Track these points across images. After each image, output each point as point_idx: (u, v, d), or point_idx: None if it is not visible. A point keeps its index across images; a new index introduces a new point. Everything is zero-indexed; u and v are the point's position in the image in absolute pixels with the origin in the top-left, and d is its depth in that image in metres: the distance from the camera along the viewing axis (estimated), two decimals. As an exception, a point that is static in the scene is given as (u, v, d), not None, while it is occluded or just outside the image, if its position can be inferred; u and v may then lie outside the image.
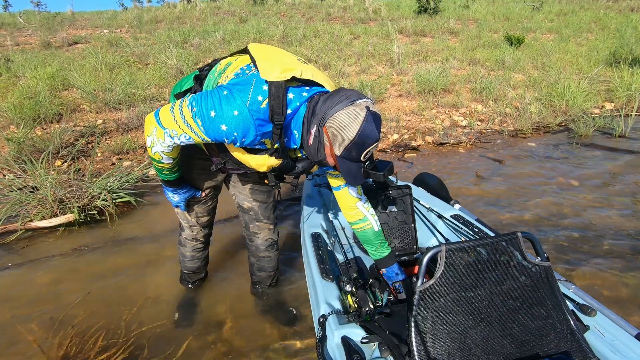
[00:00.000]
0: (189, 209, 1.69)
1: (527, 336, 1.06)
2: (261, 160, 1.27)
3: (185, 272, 2.01)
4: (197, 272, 2.02)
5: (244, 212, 1.76)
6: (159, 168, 1.35)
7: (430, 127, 4.69)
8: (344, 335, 1.21)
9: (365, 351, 1.17)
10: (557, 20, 12.24)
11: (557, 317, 1.10)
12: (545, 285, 1.13)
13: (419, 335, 1.01)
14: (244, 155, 1.28)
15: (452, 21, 11.38)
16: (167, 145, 1.21)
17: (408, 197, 1.90)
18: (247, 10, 14.05)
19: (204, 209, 1.72)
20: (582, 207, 2.90)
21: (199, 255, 1.93)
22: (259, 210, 1.73)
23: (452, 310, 1.06)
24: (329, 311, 1.30)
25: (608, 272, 2.19)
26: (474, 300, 1.08)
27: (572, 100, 5.14)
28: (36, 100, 4.53)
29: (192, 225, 1.77)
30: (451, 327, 1.04)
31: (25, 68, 6.08)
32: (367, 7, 13.61)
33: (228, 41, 8.81)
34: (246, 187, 1.68)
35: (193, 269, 1.98)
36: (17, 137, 3.64)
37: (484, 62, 7.54)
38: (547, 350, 1.05)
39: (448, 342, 1.02)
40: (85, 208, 2.78)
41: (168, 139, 1.19)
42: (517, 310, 1.09)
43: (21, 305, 1.99)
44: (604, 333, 1.21)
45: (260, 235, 1.81)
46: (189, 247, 1.87)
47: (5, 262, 2.34)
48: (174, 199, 1.56)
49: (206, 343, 1.78)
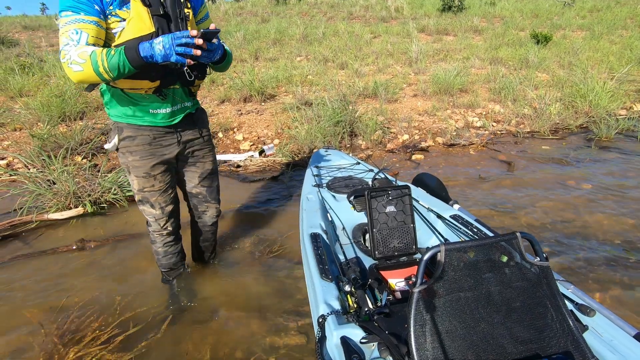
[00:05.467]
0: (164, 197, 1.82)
1: (526, 336, 1.06)
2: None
3: (164, 271, 2.09)
4: (174, 269, 2.09)
5: (192, 197, 2.01)
6: (110, 66, 1.31)
7: (443, 128, 4.61)
8: (343, 336, 1.21)
9: (364, 351, 1.17)
10: (590, 17, 11.69)
11: (556, 317, 1.09)
12: (544, 285, 1.12)
13: (419, 336, 1.01)
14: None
15: (476, 19, 11.09)
16: (70, 50, 1.31)
17: (407, 197, 1.89)
18: (270, 10, 14.22)
19: (165, 198, 1.83)
20: (590, 211, 2.80)
21: (172, 249, 2.01)
22: (207, 193, 2.01)
23: (451, 311, 1.06)
24: (328, 311, 1.31)
25: (609, 277, 2.12)
26: (473, 301, 1.08)
27: (596, 100, 4.92)
28: (62, 99, 4.79)
29: (158, 219, 1.86)
30: (450, 327, 1.04)
31: (56, 68, 6.42)
32: (389, 5, 13.47)
33: (249, 41, 8.96)
34: (195, 174, 1.92)
35: (169, 265, 2.06)
36: (40, 133, 3.87)
37: (506, 61, 7.32)
38: (546, 351, 1.05)
39: (447, 343, 1.03)
40: (96, 202, 2.93)
41: (68, 47, 1.31)
42: (516, 310, 1.08)
43: (26, 292, 2.13)
44: (603, 333, 1.20)
45: (208, 212, 2.07)
46: (159, 242, 1.95)
47: (17, 251, 2.50)
48: (163, 50, 1.33)
49: (197, 334, 1.84)
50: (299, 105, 4.82)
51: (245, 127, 4.62)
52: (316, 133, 4.05)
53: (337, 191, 2.29)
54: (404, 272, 1.60)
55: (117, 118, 1.64)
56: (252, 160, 3.87)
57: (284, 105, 5.01)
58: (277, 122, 4.61)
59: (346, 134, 4.23)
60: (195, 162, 1.89)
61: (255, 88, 5.51)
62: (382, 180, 2.17)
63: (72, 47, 1.31)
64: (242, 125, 4.67)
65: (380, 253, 1.72)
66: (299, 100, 5.06)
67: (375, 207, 1.77)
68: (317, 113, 4.35)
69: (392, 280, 1.57)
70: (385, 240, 1.75)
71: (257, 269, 2.29)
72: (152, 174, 1.73)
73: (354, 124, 4.30)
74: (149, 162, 1.70)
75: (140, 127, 1.64)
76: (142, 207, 1.84)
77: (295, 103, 4.94)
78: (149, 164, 1.70)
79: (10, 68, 6.46)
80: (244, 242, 2.55)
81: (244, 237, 2.61)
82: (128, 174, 1.76)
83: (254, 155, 3.95)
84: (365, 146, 4.18)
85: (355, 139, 4.30)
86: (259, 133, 4.49)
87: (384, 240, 1.74)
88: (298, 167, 3.74)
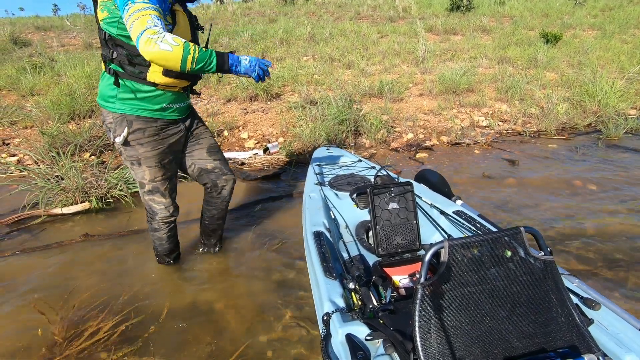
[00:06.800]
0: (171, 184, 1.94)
1: (531, 330, 1.06)
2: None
3: (164, 254, 2.21)
4: (174, 249, 2.23)
5: (208, 173, 2.07)
6: (201, 53, 1.45)
7: (448, 127, 4.59)
8: (348, 333, 1.21)
9: (369, 348, 1.17)
10: (602, 16, 11.52)
11: (561, 311, 1.09)
12: (549, 279, 1.12)
13: (423, 332, 1.01)
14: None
15: (485, 18, 11.00)
16: (163, 29, 1.38)
17: (410, 194, 1.89)
18: (277, 10, 14.28)
19: (172, 185, 1.97)
20: (595, 213, 2.76)
21: (173, 232, 2.14)
22: (221, 165, 2.08)
23: (456, 306, 1.06)
24: (333, 309, 1.31)
25: (614, 276, 2.09)
26: (477, 296, 1.08)
27: (605, 100, 4.85)
28: (72, 98, 4.87)
29: (167, 206, 1.98)
30: (455, 322, 1.04)
31: (66, 67, 6.53)
32: (397, 5, 13.43)
33: (256, 41, 9.01)
34: (202, 150, 2.02)
35: (171, 247, 2.18)
36: (50, 131, 3.94)
37: (514, 61, 7.25)
38: (552, 345, 1.04)
39: (453, 338, 1.03)
40: (102, 197, 2.98)
41: (156, 27, 1.37)
42: (521, 305, 1.08)
43: (31, 284, 2.17)
44: (608, 326, 1.19)
45: (227, 186, 2.15)
46: (164, 228, 2.06)
47: (24, 244, 2.56)
48: (248, 64, 1.60)
49: (197, 328, 1.87)
50: (304, 104, 4.84)
51: (250, 126, 4.65)
52: (320, 132, 4.06)
53: (340, 189, 2.30)
54: (408, 268, 1.60)
55: (125, 110, 1.69)
56: (257, 158, 3.90)
57: (289, 104, 5.04)
58: (282, 120, 4.63)
59: (350, 133, 4.24)
60: (198, 140, 2.02)
61: (261, 87, 5.55)
62: (385, 177, 2.17)
63: (160, 28, 1.38)
64: (248, 123, 4.71)
65: (383, 250, 1.72)
66: (304, 99, 5.08)
67: (378, 204, 1.77)
68: (322, 112, 4.36)
69: (396, 277, 1.58)
70: (388, 237, 1.74)
71: (258, 265, 2.31)
72: (162, 163, 1.84)
73: (359, 123, 4.31)
74: (160, 152, 1.81)
75: (149, 118, 1.73)
76: (152, 197, 1.92)
77: (300, 102, 4.96)
78: (159, 154, 1.81)
79: (22, 68, 6.59)
80: (245, 238, 2.58)
81: (246, 233, 2.63)
82: (137, 166, 1.81)
83: (259, 153, 3.98)
84: (369, 145, 4.18)
85: (360, 137, 4.30)
86: (264, 131, 4.52)
87: (387, 237, 1.74)
88: (302, 165, 3.76)
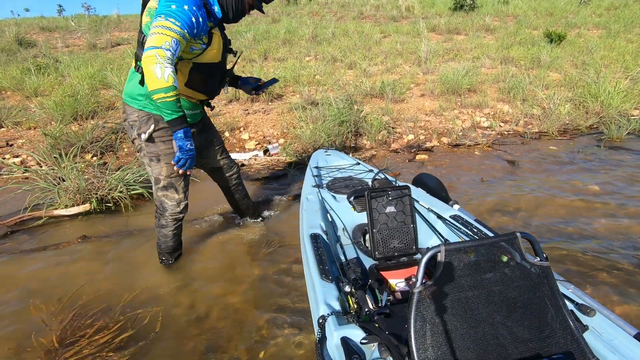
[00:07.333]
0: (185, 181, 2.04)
1: (526, 336, 1.06)
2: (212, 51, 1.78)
3: (167, 252, 2.23)
4: (177, 248, 2.26)
5: (220, 169, 2.34)
6: (171, 101, 1.59)
7: (449, 128, 4.58)
8: (343, 336, 1.22)
9: (365, 352, 1.17)
10: (607, 15, 11.42)
11: (556, 317, 1.09)
12: (544, 285, 1.12)
13: (419, 336, 1.01)
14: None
15: (488, 18, 10.94)
16: (170, 60, 1.52)
17: (407, 197, 1.88)
18: (280, 10, 14.28)
19: (186, 182, 2.07)
20: (596, 214, 2.75)
21: (179, 231, 2.18)
22: (228, 161, 2.36)
23: (451, 311, 1.06)
24: (329, 312, 1.31)
25: (611, 280, 2.08)
26: (473, 301, 1.08)
27: (608, 100, 4.82)
28: (75, 99, 4.91)
29: (179, 202, 2.05)
30: (451, 327, 1.05)
31: (70, 68, 6.58)
32: (400, 4, 13.39)
33: (258, 41, 9.02)
34: (219, 150, 2.29)
35: (175, 246, 2.21)
36: (53, 132, 3.98)
37: (518, 61, 7.21)
38: (546, 351, 1.05)
39: (448, 343, 1.03)
40: (103, 199, 3.01)
41: (168, 53, 1.51)
42: (517, 311, 1.09)
43: (31, 286, 2.20)
44: (603, 333, 1.20)
45: (234, 174, 2.44)
46: (172, 225, 2.11)
47: (24, 246, 2.58)
48: (188, 145, 1.75)
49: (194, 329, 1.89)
50: (305, 105, 4.85)
51: (251, 127, 4.67)
52: (320, 133, 4.07)
53: (337, 192, 2.30)
54: (404, 272, 1.60)
55: (152, 110, 1.85)
56: (257, 159, 3.91)
57: (291, 105, 5.05)
58: (283, 121, 4.64)
59: (350, 134, 4.24)
60: (211, 138, 2.25)
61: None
62: (382, 180, 2.18)
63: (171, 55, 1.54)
64: (249, 124, 4.72)
65: (380, 253, 1.71)
66: (306, 100, 5.08)
67: (375, 208, 1.77)
68: (323, 113, 4.37)
69: (392, 280, 1.57)
70: (385, 240, 1.74)
71: (255, 266, 2.32)
72: None
73: (359, 124, 4.31)
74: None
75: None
76: (165, 193, 2.00)
77: (301, 103, 4.96)
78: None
79: (27, 69, 6.64)
80: (243, 239, 2.59)
81: (243, 234, 2.65)
82: (156, 162, 1.93)
83: (259, 155, 4.00)
84: (370, 146, 4.18)
85: (360, 138, 4.31)
86: (265, 132, 4.53)
87: (384, 240, 1.74)
88: (301, 166, 3.77)
